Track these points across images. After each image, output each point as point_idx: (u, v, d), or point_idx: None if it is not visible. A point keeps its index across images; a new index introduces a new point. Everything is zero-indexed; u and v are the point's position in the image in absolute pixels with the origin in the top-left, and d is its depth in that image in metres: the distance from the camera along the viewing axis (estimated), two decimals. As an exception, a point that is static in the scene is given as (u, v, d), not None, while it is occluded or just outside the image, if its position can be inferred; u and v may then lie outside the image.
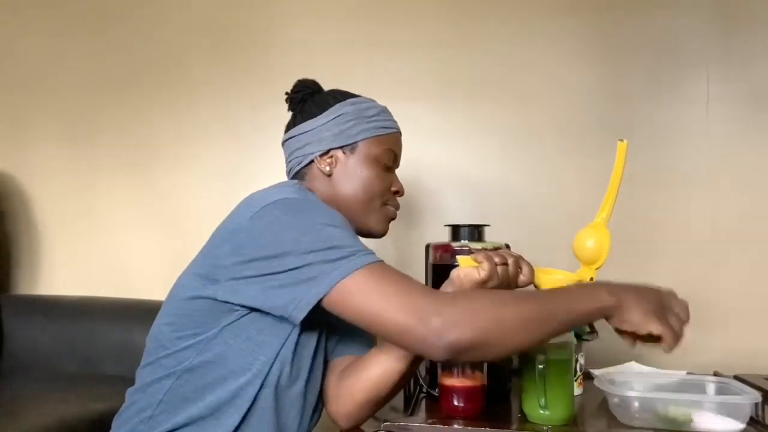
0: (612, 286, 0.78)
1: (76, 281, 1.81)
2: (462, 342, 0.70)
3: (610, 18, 1.56)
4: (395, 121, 1.04)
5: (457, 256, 0.87)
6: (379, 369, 0.86)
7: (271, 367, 0.84)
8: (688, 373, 1.20)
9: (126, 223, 1.79)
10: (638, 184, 1.52)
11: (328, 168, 0.97)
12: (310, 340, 0.89)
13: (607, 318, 0.77)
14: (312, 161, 0.99)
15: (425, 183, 1.61)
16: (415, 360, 0.86)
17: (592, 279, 0.91)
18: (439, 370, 0.98)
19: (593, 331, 1.17)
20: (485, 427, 0.91)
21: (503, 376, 1.08)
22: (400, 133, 1.05)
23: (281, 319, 0.81)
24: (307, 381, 0.89)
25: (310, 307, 0.76)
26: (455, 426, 0.92)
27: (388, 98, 1.67)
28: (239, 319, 0.84)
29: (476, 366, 0.96)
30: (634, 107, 1.53)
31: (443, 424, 0.92)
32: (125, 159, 1.81)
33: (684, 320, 0.79)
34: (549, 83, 1.58)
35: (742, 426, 0.89)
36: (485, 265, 0.82)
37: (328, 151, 0.98)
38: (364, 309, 0.75)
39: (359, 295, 0.75)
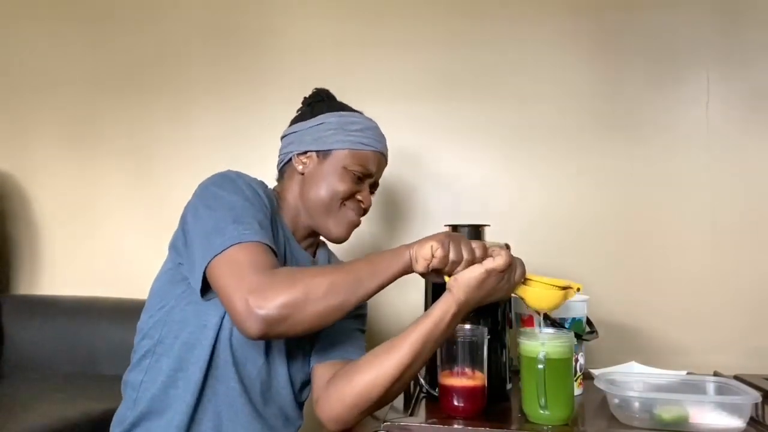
0: (411, 243, 0.87)
1: (76, 281, 1.81)
2: (272, 315, 0.78)
3: (610, 18, 1.56)
4: (378, 141, 1.07)
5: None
6: (372, 373, 0.88)
7: (222, 319, 0.92)
8: (688, 373, 1.20)
9: (126, 223, 1.79)
10: (638, 183, 1.52)
11: (301, 167, 1.05)
12: None
13: (412, 269, 0.86)
14: (291, 159, 1.07)
15: (425, 183, 1.61)
16: (409, 367, 0.87)
17: (579, 289, 0.93)
18: (439, 370, 0.98)
19: (593, 331, 1.17)
20: (485, 427, 0.91)
21: (503, 376, 1.08)
22: (380, 153, 1.07)
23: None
24: (267, 341, 0.96)
25: (199, 279, 0.87)
26: (455, 426, 0.92)
27: (387, 98, 1.68)
28: (190, 286, 0.92)
29: (476, 366, 0.96)
30: (634, 107, 1.54)
31: (443, 424, 0.92)
32: (125, 159, 1.81)
33: (471, 255, 0.86)
34: (549, 83, 1.58)
35: (742, 426, 0.89)
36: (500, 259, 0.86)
37: (305, 152, 1.05)
38: (217, 287, 0.84)
39: (219, 272, 0.84)
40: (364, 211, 1.08)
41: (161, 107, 1.80)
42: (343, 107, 1.09)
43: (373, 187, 1.10)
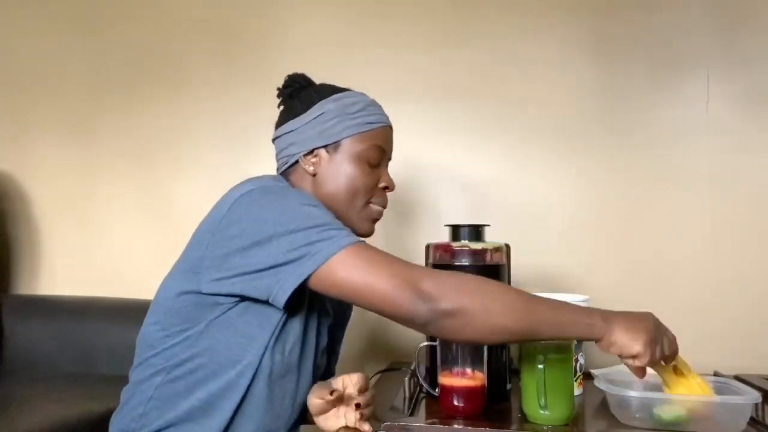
0: (607, 314, 0.81)
1: (76, 281, 1.81)
2: (447, 306, 0.74)
3: (610, 18, 1.56)
4: (383, 114, 0.99)
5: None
6: None
7: (262, 358, 0.85)
8: (688, 373, 1.20)
9: (126, 224, 1.79)
10: (637, 183, 1.52)
11: (312, 168, 0.96)
12: (296, 328, 0.89)
13: (596, 341, 0.80)
14: (297, 161, 0.97)
15: (425, 183, 1.61)
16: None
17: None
18: (439, 370, 0.98)
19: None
20: (485, 427, 0.91)
21: (503, 376, 1.08)
22: (388, 126, 1.00)
23: (266, 304, 0.82)
24: (299, 368, 0.91)
25: (293, 288, 0.78)
26: (455, 426, 0.92)
27: (388, 99, 1.67)
28: (225, 312, 0.84)
29: (476, 366, 0.96)
30: (634, 107, 1.53)
31: (443, 424, 0.92)
32: (125, 159, 1.81)
33: (667, 353, 0.82)
34: (549, 83, 1.58)
35: (742, 426, 0.89)
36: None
37: (312, 151, 0.96)
38: (351, 283, 0.77)
39: (346, 271, 0.77)
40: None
41: (161, 107, 1.80)
42: (335, 89, 0.99)
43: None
